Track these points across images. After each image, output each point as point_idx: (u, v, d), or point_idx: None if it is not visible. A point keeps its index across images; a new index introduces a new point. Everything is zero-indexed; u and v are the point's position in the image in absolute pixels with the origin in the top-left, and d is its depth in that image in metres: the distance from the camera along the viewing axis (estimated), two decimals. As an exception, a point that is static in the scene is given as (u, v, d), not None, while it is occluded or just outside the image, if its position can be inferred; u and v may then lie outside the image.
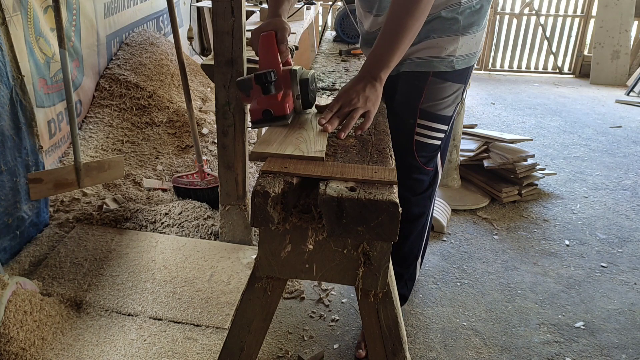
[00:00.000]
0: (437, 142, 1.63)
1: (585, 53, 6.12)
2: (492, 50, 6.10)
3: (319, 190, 0.99)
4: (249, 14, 3.53)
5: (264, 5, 3.48)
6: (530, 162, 3.03)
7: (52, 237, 2.20)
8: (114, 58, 3.21)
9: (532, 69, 6.22)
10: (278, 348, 1.83)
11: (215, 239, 2.30)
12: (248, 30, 1.73)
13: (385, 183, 1.03)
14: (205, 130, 3.19)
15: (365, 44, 1.67)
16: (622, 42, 5.70)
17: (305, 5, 3.62)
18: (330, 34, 2.52)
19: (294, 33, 2.91)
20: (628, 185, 3.31)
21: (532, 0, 5.91)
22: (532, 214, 2.91)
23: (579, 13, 5.98)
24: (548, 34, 6.02)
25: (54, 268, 2.02)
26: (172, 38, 2.68)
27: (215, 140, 3.04)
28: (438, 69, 1.52)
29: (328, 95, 1.58)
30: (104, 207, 2.42)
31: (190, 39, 4.60)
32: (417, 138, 1.60)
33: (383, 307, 1.11)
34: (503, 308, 2.14)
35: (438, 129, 1.61)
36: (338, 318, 2.00)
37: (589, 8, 5.92)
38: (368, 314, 1.13)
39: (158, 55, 3.40)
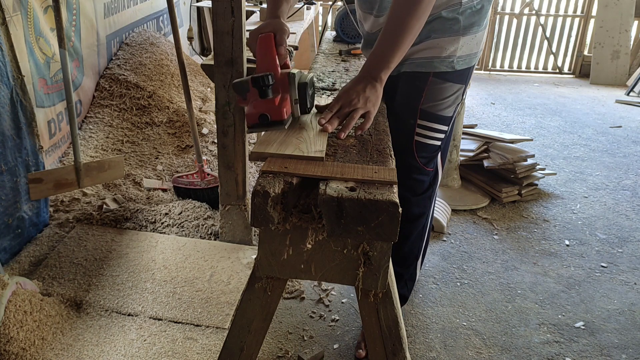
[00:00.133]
0: (437, 142, 1.63)
1: (585, 53, 6.12)
2: (492, 50, 6.10)
3: (319, 190, 0.99)
4: (249, 14, 3.53)
5: (264, 5, 3.48)
6: (530, 162, 3.03)
7: (52, 237, 2.20)
8: (114, 58, 3.22)
9: (532, 69, 6.22)
10: (278, 348, 1.83)
11: (215, 239, 2.30)
12: (248, 30, 1.72)
13: (385, 183, 1.03)
14: (205, 130, 3.19)
15: (367, 45, 1.66)
16: (622, 42, 5.70)
17: (305, 5, 3.62)
18: (330, 34, 2.52)
19: (294, 33, 2.91)
20: (628, 185, 3.31)
21: (532, 0, 5.91)
22: (532, 214, 2.91)
23: (579, 13, 5.98)
24: (548, 34, 6.02)
25: (54, 268, 2.02)
26: (172, 38, 2.68)
27: (215, 140, 3.04)
28: (438, 70, 1.52)
29: (328, 96, 1.58)
30: (104, 207, 2.42)
31: (190, 39, 4.60)
32: (417, 138, 1.60)
33: (383, 307, 1.11)
34: (503, 308, 2.14)
35: (438, 130, 1.61)
36: (338, 318, 2.00)
37: (589, 8, 5.92)
38: (368, 314, 1.13)
39: (158, 55, 3.40)
